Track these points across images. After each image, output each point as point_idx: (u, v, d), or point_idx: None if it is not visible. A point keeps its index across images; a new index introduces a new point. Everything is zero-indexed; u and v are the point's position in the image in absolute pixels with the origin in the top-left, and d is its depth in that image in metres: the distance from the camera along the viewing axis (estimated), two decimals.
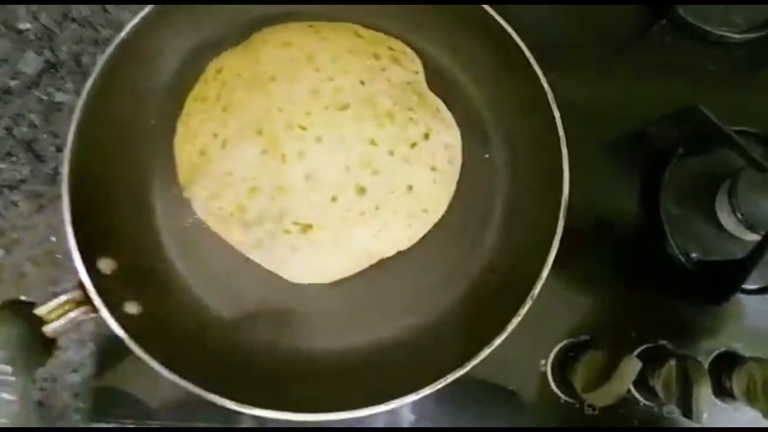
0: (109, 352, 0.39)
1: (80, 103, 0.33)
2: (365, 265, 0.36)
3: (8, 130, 0.45)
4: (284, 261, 0.35)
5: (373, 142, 0.34)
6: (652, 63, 0.47)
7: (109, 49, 0.34)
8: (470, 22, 0.36)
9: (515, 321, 0.31)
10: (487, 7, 0.34)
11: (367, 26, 0.39)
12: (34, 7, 0.47)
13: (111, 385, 0.39)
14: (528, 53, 0.33)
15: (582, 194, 0.34)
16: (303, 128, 0.34)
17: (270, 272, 0.36)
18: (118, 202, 0.36)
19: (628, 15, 0.48)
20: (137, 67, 0.36)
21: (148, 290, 0.35)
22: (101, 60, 0.33)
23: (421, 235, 0.36)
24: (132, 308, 0.33)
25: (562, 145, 0.33)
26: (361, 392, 0.32)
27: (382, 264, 0.37)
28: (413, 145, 0.35)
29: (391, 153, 0.35)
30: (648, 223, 0.43)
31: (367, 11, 0.39)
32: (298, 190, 0.34)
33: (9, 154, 0.44)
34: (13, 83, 0.48)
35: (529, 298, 0.31)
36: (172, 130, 0.38)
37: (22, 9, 0.47)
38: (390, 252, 0.36)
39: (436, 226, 0.37)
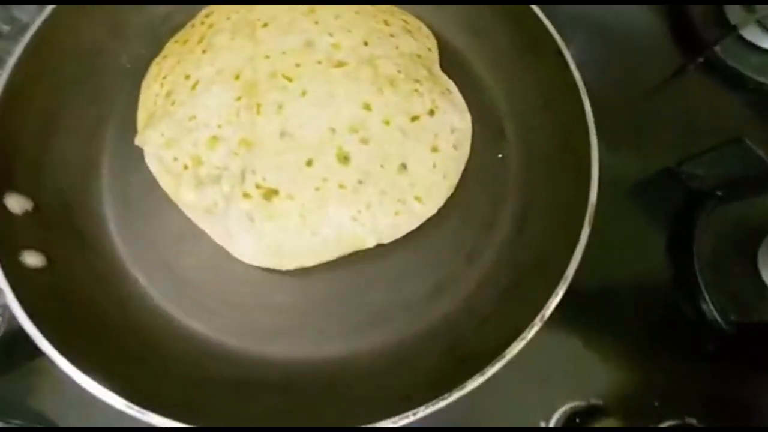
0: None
1: (37, 22, 0.29)
2: (336, 254, 0.29)
3: None
4: (237, 234, 0.29)
5: (367, 107, 0.29)
6: (686, 102, 0.44)
7: None
8: (495, 4, 0.33)
9: (515, 348, 0.24)
10: None
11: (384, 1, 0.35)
12: None
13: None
14: (558, 38, 0.29)
15: (603, 237, 0.27)
16: (288, 79, 0.29)
17: (220, 249, 0.30)
18: (60, 139, 0.31)
19: (664, 51, 0.45)
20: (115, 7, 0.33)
21: (63, 243, 0.28)
22: None
23: (410, 229, 0.30)
24: (33, 259, 0.26)
25: (592, 139, 0.27)
26: (303, 414, 0.25)
27: (356, 257, 0.30)
28: (414, 118, 0.30)
29: (387, 122, 0.29)
30: (678, 276, 0.37)
31: None
32: (269, 146, 0.28)
33: None
34: (4, 28, 0.45)
35: (538, 318, 0.24)
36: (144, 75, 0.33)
37: None
38: (369, 243, 0.29)
39: (429, 224, 0.30)
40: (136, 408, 0.22)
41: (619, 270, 0.36)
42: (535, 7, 0.30)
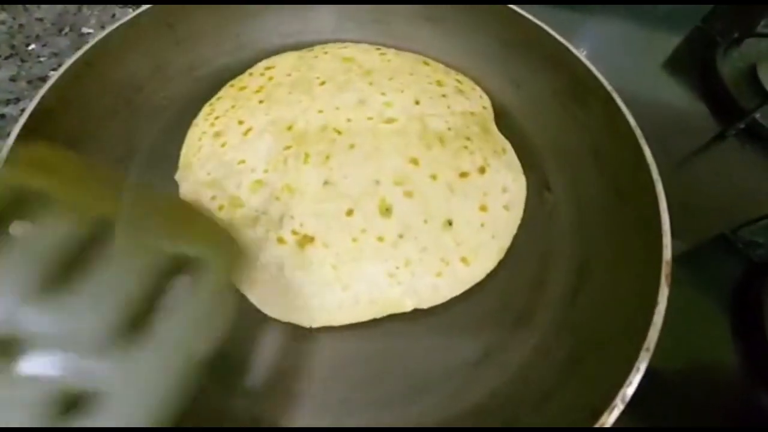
0: None
1: (83, 49, 0.29)
2: (368, 315, 0.26)
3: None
4: (263, 282, 0.26)
5: (414, 161, 0.29)
6: (729, 168, 0.42)
7: (130, 16, 0.31)
8: (538, 55, 0.33)
9: None
10: (559, 36, 0.31)
11: (434, 59, 0.37)
12: None
13: None
14: (607, 83, 0.28)
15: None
16: (338, 132, 0.30)
17: (240, 298, 0.26)
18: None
19: (700, 120, 0.45)
20: (159, 42, 0.34)
21: None
22: (117, 23, 0.31)
23: (452, 294, 0.27)
24: None
25: (658, 187, 0.25)
26: None
27: (391, 321, 0.26)
28: (463, 174, 0.29)
29: (434, 177, 0.28)
30: (750, 361, 0.31)
31: (434, 43, 0.37)
32: (311, 194, 0.27)
33: None
34: None
35: (618, 399, 0.20)
36: (181, 114, 0.33)
37: None
38: (406, 306, 0.26)
39: (474, 287, 0.27)
40: None
41: (678, 354, 0.31)
42: (578, 54, 0.30)
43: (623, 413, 0.20)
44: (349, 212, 0.27)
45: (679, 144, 0.43)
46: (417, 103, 0.32)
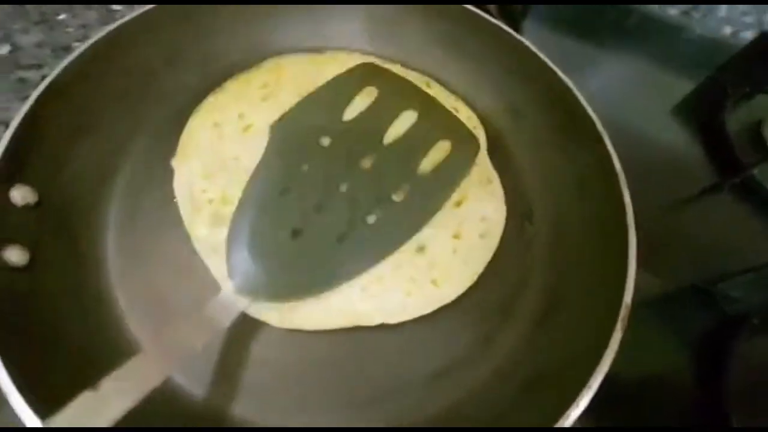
0: None
1: (102, 32, 0.30)
2: (336, 324, 0.27)
3: None
4: None
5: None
6: (718, 220, 0.42)
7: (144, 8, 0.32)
8: (541, 88, 0.34)
9: None
10: (562, 74, 0.32)
11: (437, 79, 0.38)
12: None
13: None
14: (599, 125, 0.29)
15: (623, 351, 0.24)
16: None
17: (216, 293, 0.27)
18: (87, 142, 0.29)
19: (697, 168, 0.45)
20: (177, 33, 0.34)
21: (53, 244, 0.26)
22: (141, 10, 0.32)
23: (420, 313, 0.28)
24: (17, 256, 0.24)
25: (630, 236, 0.25)
26: None
27: (359, 331, 0.27)
28: None
29: None
30: (709, 409, 0.32)
31: (442, 64, 0.38)
32: None
33: None
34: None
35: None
36: (187, 103, 0.34)
37: None
38: (374, 319, 0.27)
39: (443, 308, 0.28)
40: None
41: (639, 395, 0.32)
42: (576, 92, 0.31)
43: None
44: None
45: (673, 187, 0.43)
46: None
